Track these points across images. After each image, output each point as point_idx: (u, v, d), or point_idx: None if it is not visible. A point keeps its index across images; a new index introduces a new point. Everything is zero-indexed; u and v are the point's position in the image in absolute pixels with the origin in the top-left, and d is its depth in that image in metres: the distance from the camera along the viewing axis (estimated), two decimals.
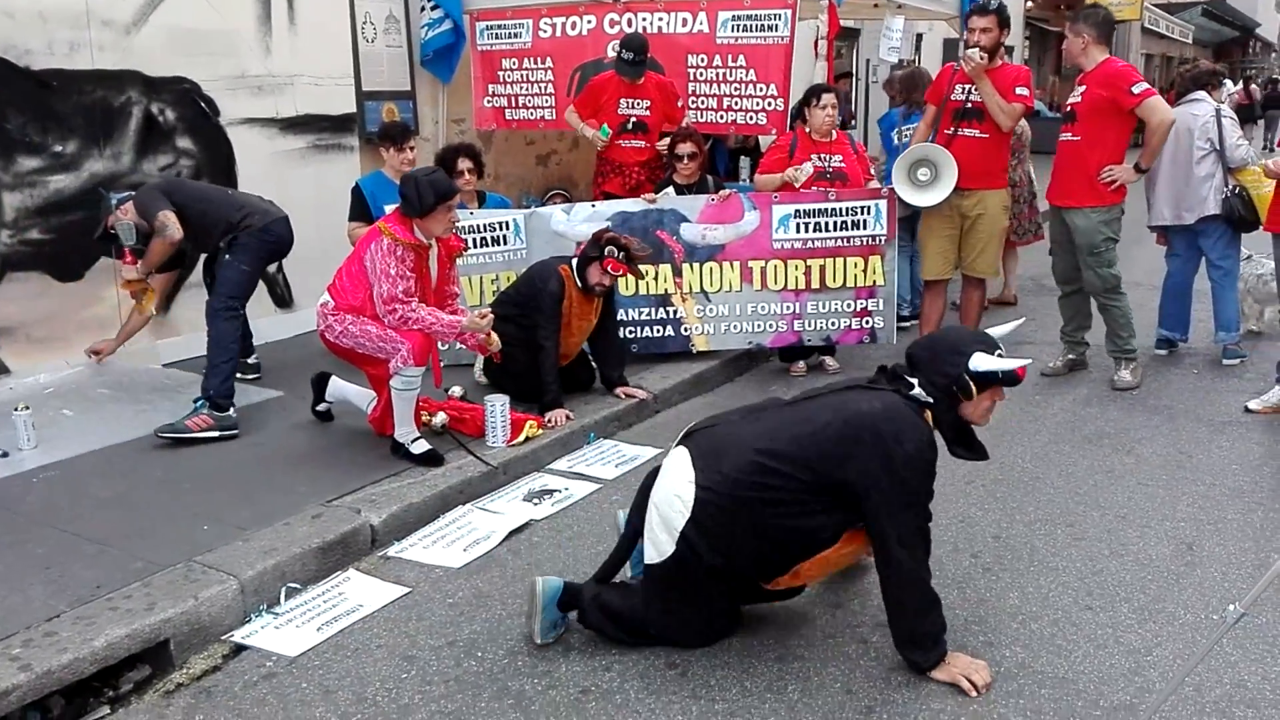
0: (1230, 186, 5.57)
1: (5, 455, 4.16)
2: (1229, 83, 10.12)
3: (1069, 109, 5.34)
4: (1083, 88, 5.23)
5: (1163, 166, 5.62)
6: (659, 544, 2.80)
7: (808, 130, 5.66)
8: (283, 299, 6.27)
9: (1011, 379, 2.77)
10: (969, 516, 3.83)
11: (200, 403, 4.46)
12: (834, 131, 5.69)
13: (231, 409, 4.48)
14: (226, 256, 4.74)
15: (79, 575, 3.15)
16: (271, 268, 6.14)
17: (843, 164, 5.63)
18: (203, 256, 5.75)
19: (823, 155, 5.62)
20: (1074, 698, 2.68)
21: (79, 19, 5.11)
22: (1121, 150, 5.27)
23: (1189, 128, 5.61)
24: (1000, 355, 2.78)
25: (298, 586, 3.32)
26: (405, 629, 3.11)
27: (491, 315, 4.36)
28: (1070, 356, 5.70)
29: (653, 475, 2.95)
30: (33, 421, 4.29)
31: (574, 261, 4.85)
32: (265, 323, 6.08)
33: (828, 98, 5.58)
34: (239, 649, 3.02)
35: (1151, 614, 3.09)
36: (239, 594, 3.16)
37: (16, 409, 4.29)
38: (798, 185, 5.51)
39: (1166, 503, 3.92)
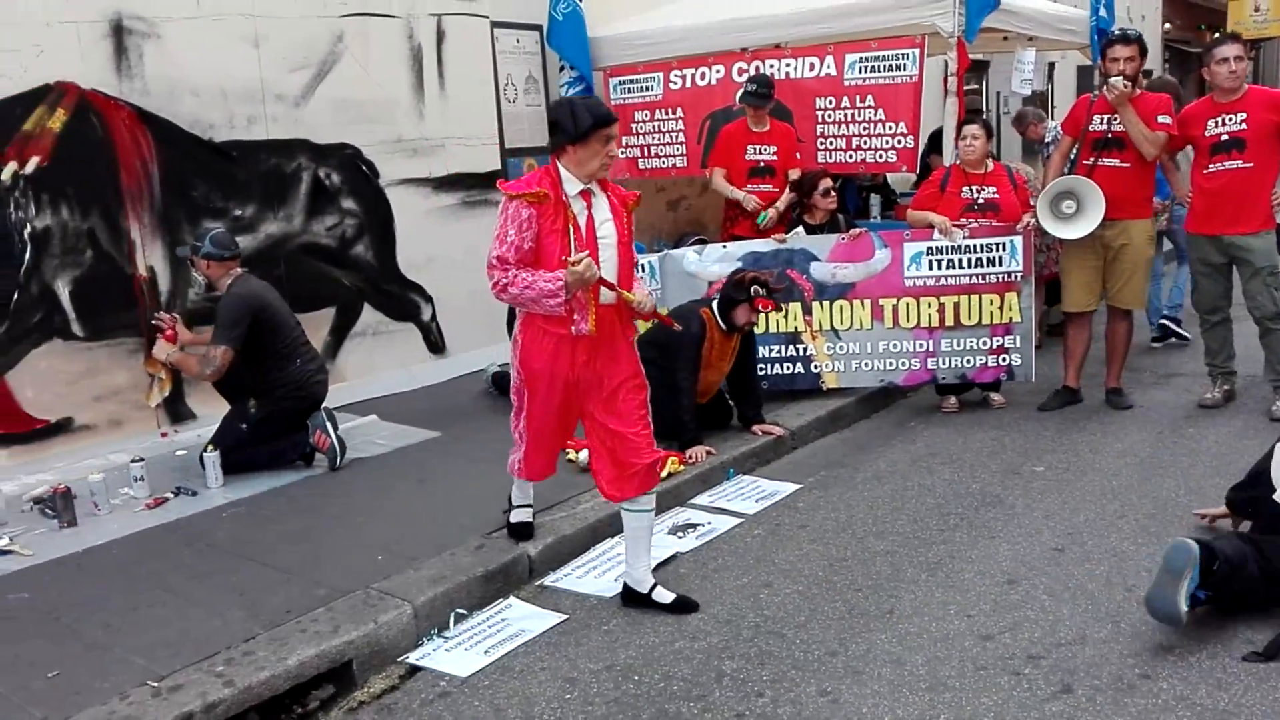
0: None
1: (195, 494, 4.57)
2: None
3: (1228, 136, 5.20)
4: (1243, 114, 5.12)
5: None
6: None
7: (959, 163, 5.72)
8: (436, 345, 6.66)
9: None
10: (1121, 551, 3.77)
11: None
12: (989, 162, 5.72)
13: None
14: (252, 410, 4.79)
15: (270, 601, 3.45)
16: (426, 316, 6.55)
17: (995, 195, 5.64)
18: (365, 305, 6.22)
19: (974, 186, 5.66)
20: None
21: (255, 94, 5.64)
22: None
23: None
24: None
25: (464, 612, 3.55)
26: (565, 653, 3.28)
27: (587, 260, 3.29)
28: (1226, 388, 5.51)
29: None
30: (220, 462, 4.70)
31: (713, 304, 5.01)
32: (421, 368, 6.49)
33: (969, 129, 5.63)
34: (414, 670, 3.25)
35: None
36: (413, 619, 3.40)
37: (206, 450, 4.72)
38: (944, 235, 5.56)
39: None
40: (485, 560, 3.78)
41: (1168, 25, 17.39)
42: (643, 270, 5.80)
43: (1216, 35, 6.56)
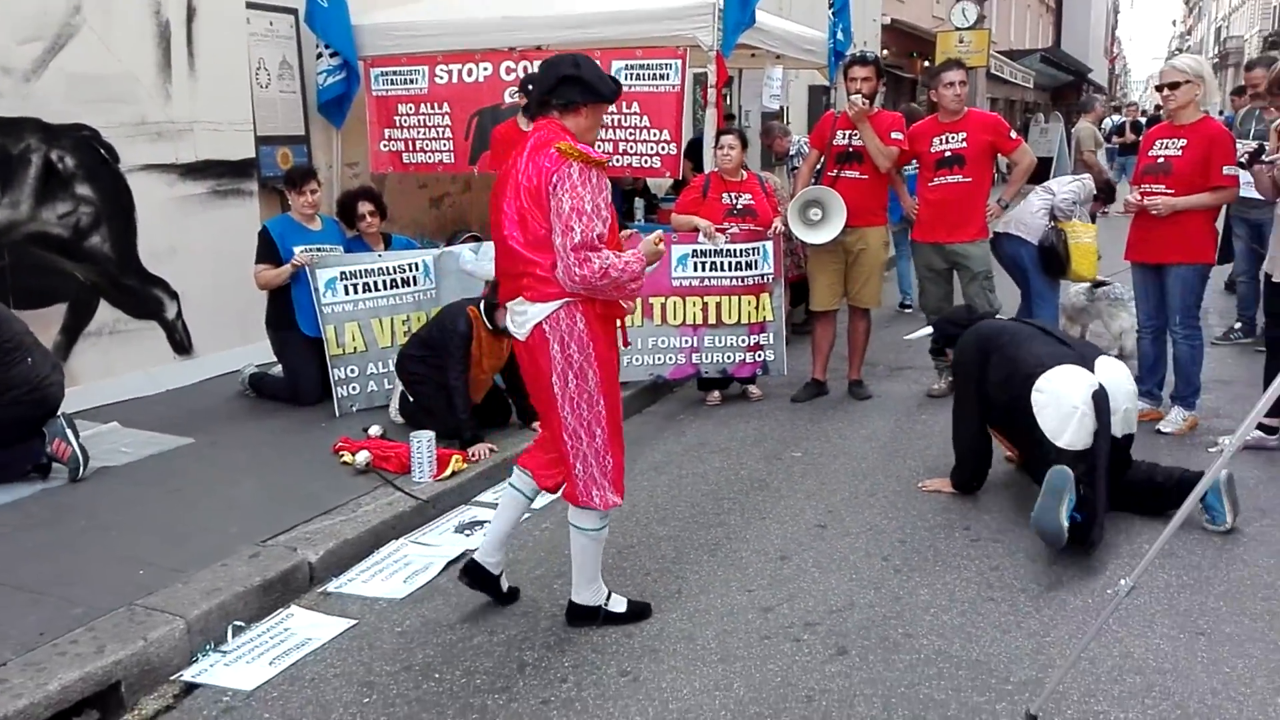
0: (1055, 230, 6.22)
1: None
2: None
3: (950, 153, 5.79)
4: (963, 133, 5.74)
5: None
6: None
7: (717, 170, 6.03)
8: (182, 345, 6.19)
9: None
10: (876, 525, 4.15)
11: None
12: (743, 171, 6.05)
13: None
14: None
15: (19, 623, 3.11)
16: (170, 313, 6.08)
17: (752, 201, 6.00)
18: (101, 301, 5.69)
19: (733, 193, 5.98)
20: (988, 676, 2.98)
21: None
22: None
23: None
24: None
25: (243, 624, 3.35)
26: (359, 658, 3.18)
27: (659, 234, 3.34)
28: (949, 379, 6.16)
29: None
30: None
31: (482, 303, 4.99)
32: (166, 370, 6.01)
33: (725, 139, 5.96)
34: (190, 688, 3.04)
35: (1047, 601, 3.45)
36: (186, 634, 3.18)
37: None
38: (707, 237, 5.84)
39: None
40: (262, 569, 3.58)
41: (885, 51, 19.11)
42: (417, 269, 5.71)
43: (928, 64, 7.32)
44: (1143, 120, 17.84)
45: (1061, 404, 3.89)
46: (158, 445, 4.94)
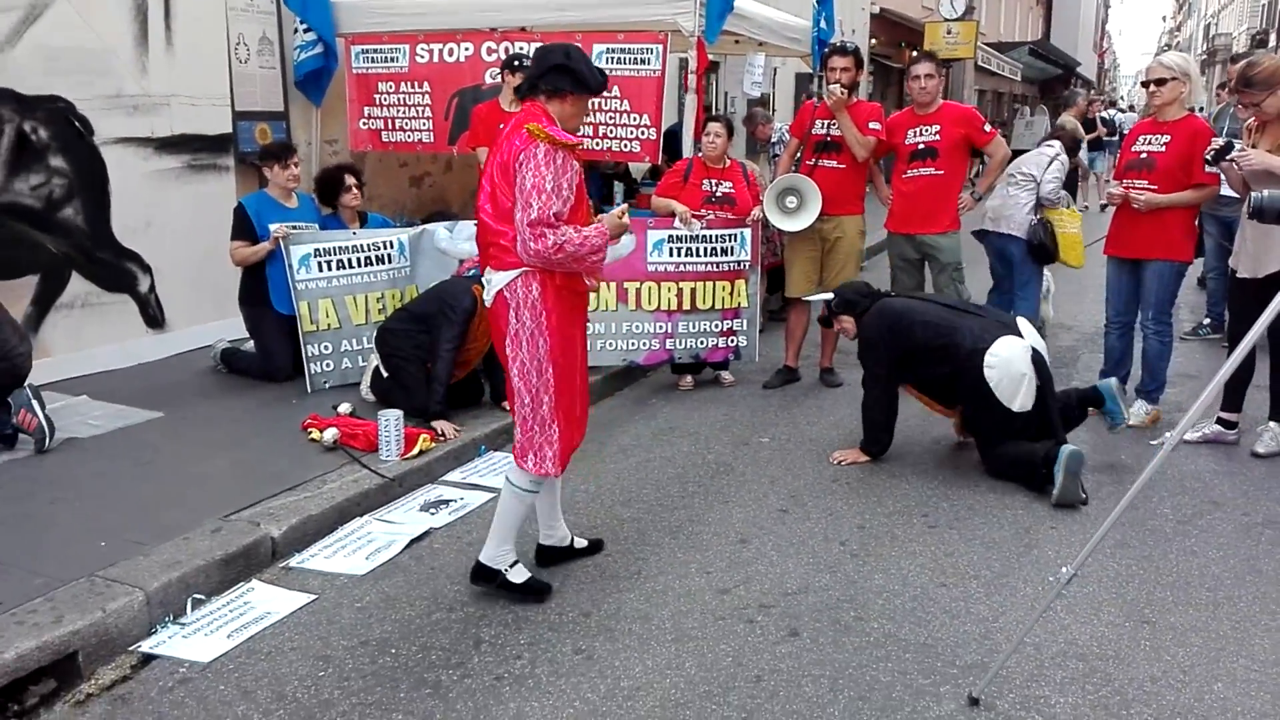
0: (1041, 222, 6.27)
1: None
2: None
3: (923, 145, 5.83)
4: (937, 126, 5.77)
5: None
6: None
7: (701, 156, 6.04)
8: (155, 319, 6.17)
9: None
10: (835, 510, 4.21)
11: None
12: (726, 159, 6.08)
13: None
14: None
15: None
16: (143, 287, 6.07)
17: (731, 189, 6.02)
18: (74, 274, 5.67)
19: (714, 180, 6.00)
20: (934, 659, 3.04)
21: None
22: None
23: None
24: None
25: (203, 598, 3.38)
26: (317, 632, 3.22)
27: (625, 208, 3.61)
28: None
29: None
30: None
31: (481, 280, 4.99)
32: (138, 344, 6.00)
33: (712, 126, 5.97)
34: (147, 659, 3.06)
35: (997, 588, 3.51)
36: (145, 605, 3.20)
37: None
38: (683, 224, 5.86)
39: (1007, 494, 4.39)
40: (224, 543, 3.60)
41: (874, 40, 19.12)
42: (391, 247, 5.71)
43: (914, 54, 7.39)
44: (1110, 114, 17.99)
45: (1011, 372, 4.37)
46: (126, 419, 4.95)
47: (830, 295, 5.14)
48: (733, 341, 6.12)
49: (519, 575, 3.41)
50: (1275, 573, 3.64)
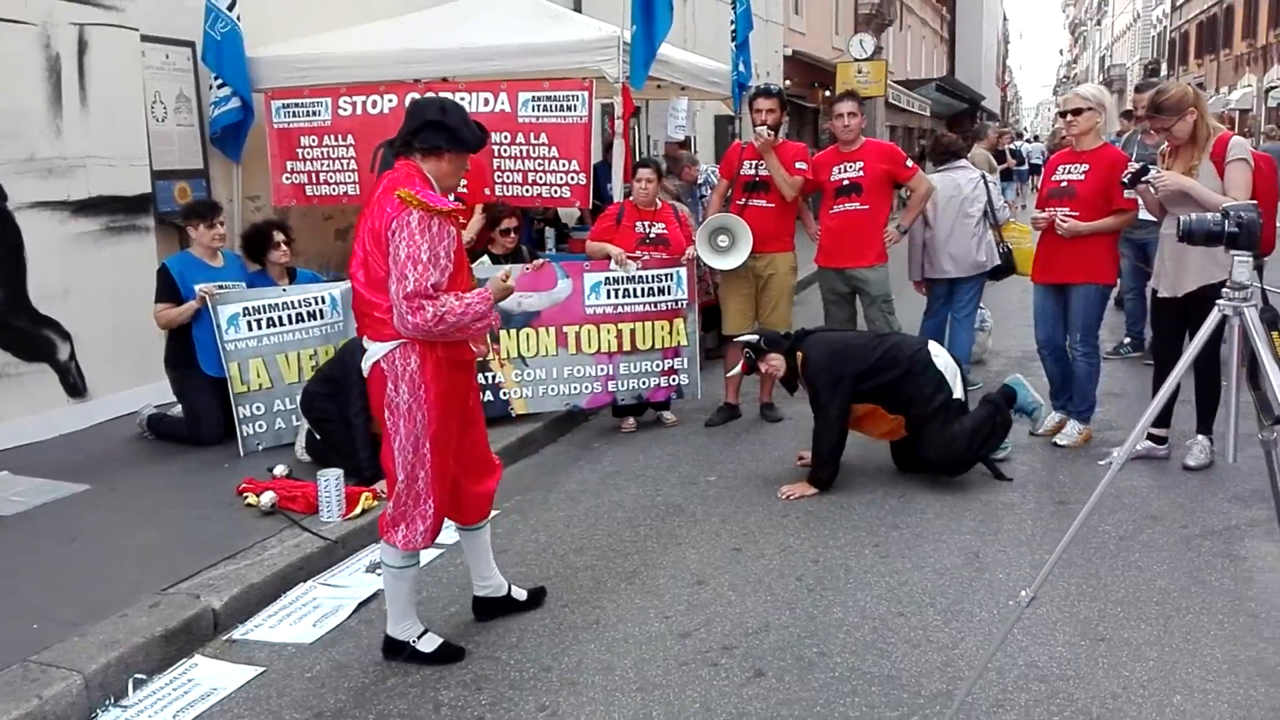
0: (1000, 244, 6.46)
1: None
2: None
3: (848, 181, 5.94)
4: (861, 163, 5.90)
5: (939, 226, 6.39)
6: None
7: (632, 200, 6.08)
8: (76, 388, 5.95)
9: None
10: (789, 545, 4.21)
11: None
12: (657, 201, 6.12)
13: None
14: None
15: None
16: (63, 355, 5.85)
17: (665, 230, 6.07)
18: None
19: (646, 222, 6.04)
20: (899, 690, 3.04)
21: None
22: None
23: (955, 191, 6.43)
24: None
25: (144, 677, 3.23)
26: (268, 706, 3.09)
27: (509, 270, 3.55)
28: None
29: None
30: None
31: None
32: (59, 414, 5.77)
33: (643, 171, 6.04)
34: None
35: (954, 614, 3.54)
36: (84, 689, 3.05)
37: None
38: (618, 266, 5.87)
39: (953, 519, 4.45)
40: (163, 619, 3.46)
41: (788, 82, 19.57)
42: (323, 302, 5.61)
43: (829, 94, 7.58)
44: (1018, 145, 18.84)
45: (948, 369, 4.92)
46: (52, 493, 4.74)
47: (752, 337, 5.21)
48: (674, 380, 6.13)
49: (429, 644, 3.31)
50: (1219, 584, 3.73)
